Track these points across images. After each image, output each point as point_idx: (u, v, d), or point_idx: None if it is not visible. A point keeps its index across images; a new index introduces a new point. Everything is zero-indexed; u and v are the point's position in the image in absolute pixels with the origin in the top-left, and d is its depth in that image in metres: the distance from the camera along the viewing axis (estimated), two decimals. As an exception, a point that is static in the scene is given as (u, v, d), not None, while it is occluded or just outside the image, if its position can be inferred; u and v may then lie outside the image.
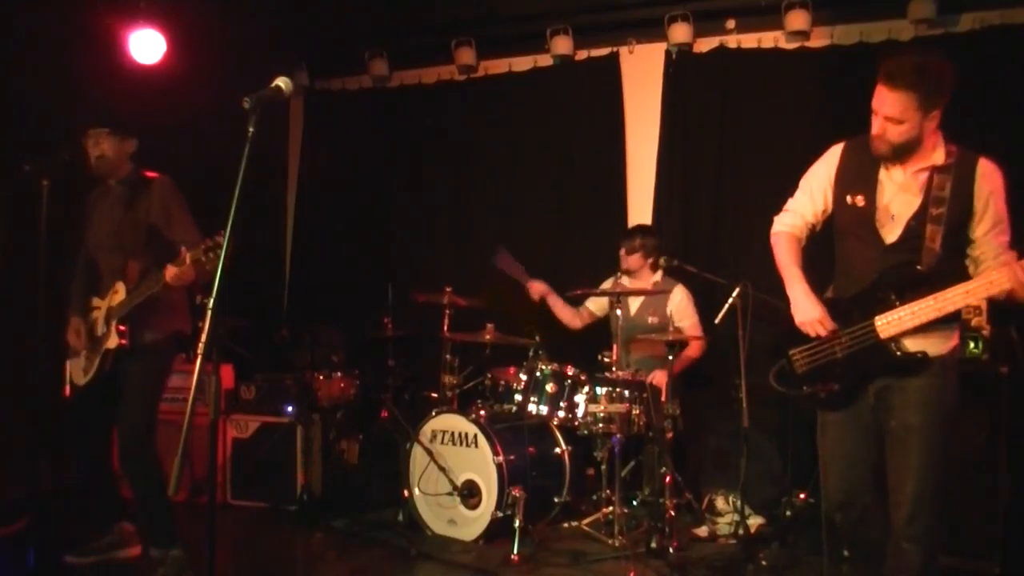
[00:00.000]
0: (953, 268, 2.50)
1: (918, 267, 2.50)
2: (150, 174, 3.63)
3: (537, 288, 4.87)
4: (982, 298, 2.45)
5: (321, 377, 4.87)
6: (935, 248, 2.47)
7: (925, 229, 2.49)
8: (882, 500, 2.67)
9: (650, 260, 4.71)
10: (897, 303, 2.53)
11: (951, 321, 2.54)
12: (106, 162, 3.57)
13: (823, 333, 2.64)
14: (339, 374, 4.92)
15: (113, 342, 3.44)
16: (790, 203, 2.87)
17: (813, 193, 2.77)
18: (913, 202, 2.55)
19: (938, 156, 2.53)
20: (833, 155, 2.74)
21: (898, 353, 2.55)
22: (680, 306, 4.65)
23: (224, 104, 2.96)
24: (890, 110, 2.44)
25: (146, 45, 4.69)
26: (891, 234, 2.57)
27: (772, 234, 2.88)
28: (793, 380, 2.76)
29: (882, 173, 2.60)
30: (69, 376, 3.67)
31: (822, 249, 2.88)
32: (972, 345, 3.67)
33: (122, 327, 3.44)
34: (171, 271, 3.20)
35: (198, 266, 3.12)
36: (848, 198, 2.63)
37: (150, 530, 3.54)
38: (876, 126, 2.50)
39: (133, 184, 3.58)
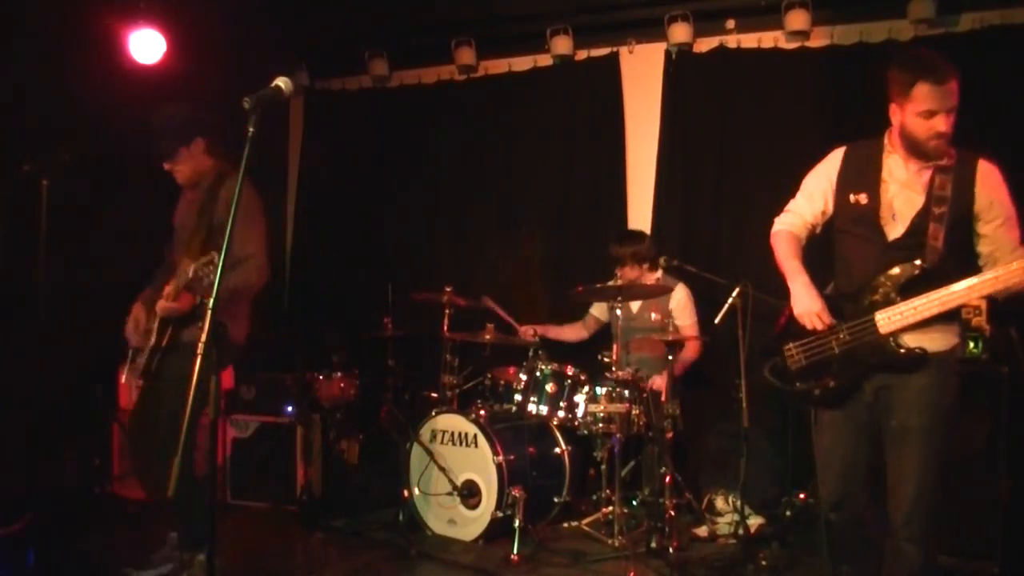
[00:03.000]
0: (956, 267, 2.51)
1: (924, 265, 2.51)
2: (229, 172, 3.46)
3: (526, 331, 4.82)
4: (986, 293, 2.45)
5: (321, 377, 4.86)
6: (938, 246, 2.50)
7: (928, 228, 2.52)
8: (878, 499, 2.66)
9: (645, 265, 4.69)
10: (899, 299, 2.54)
11: (951, 319, 2.57)
12: (186, 175, 3.51)
13: (820, 326, 2.66)
14: (339, 374, 4.90)
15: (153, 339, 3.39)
16: (790, 204, 2.90)
17: (813, 195, 2.81)
18: (916, 200, 2.58)
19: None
20: (835, 158, 2.78)
21: (899, 349, 2.56)
22: (681, 304, 4.65)
23: (224, 104, 2.96)
24: (954, 99, 2.45)
25: (146, 45, 4.69)
26: (894, 231, 2.60)
27: (772, 233, 2.91)
28: (787, 376, 2.76)
29: (885, 172, 2.63)
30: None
31: (820, 249, 2.90)
32: (972, 345, 3.66)
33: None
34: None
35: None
36: (851, 196, 2.66)
37: (182, 532, 3.47)
38: (942, 123, 2.47)
39: (210, 188, 3.45)
